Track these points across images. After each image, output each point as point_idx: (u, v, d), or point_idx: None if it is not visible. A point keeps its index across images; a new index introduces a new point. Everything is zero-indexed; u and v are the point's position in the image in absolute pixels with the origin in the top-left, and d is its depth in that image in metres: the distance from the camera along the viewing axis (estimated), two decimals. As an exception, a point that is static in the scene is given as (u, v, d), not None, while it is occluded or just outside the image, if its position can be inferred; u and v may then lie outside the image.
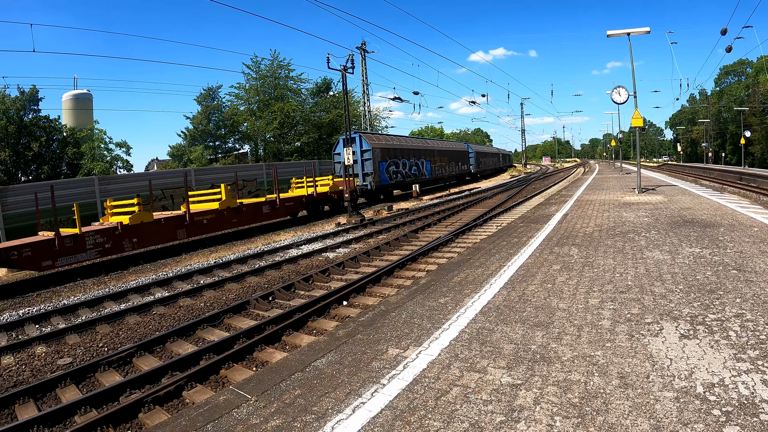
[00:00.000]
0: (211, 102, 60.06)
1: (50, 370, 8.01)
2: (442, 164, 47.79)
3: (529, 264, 8.68)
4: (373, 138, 35.91)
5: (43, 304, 12.08)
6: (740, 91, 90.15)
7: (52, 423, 6.09)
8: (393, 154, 37.01)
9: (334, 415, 3.90)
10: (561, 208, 17.41)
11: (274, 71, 52.43)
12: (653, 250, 9.06)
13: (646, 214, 14.10)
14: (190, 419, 4.11)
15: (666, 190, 22.66)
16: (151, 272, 15.11)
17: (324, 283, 12.00)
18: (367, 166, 34.27)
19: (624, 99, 21.97)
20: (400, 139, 41.39)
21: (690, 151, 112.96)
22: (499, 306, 6.37)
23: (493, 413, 3.73)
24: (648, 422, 3.41)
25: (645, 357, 4.47)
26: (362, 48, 47.48)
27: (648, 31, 20.89)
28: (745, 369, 4.07)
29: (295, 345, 7.87)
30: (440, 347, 5.11)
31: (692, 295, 6.18)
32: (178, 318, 10.23)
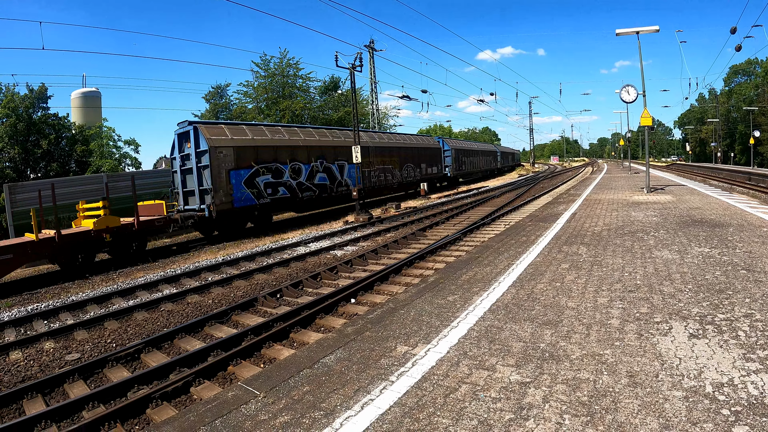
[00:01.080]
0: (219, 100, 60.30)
1: (58, 366, 8.06)
2: (386, 168, 34.53)
3: (537, 262, 8.66)
4: (222, 132, 22.03)
5: (51, 300, 12.16)
6: (749, 91, 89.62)
7: (59, 418, 6.13)
8: (265, 155, 23.44)
9: (342, 412, 3.90)
10: (569, 207, 17.36)
11: (282, 69, 52.49)
12: (662, 249, 9.02)
13: (655, 213, 14.04)
14: (198, 415, 4.12)
15: (675, 189, 22.55)
16: (159, 269, 15.16)
17: (332, 280, 12.02)
18: (207, 178, 20.88)
19: (633, 98, 21.87)
20: (277, 132, 25.64)
21: (699, 151, 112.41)
22: (508, 304, 6.36)
23: (501, 411, 3.72)
24: (657, 421, 3.40)
25: (654, 356, 4.45)
26: (371, 46, 47.48)
27: (657, 29, 20.79)
28: (755, 369, 4.05)
29: (303, 342, 7.88)
30: (449, 345, 5.11)
31: (701, 294, 6.15)
32: (186, 314, 10.27)
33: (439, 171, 45.75)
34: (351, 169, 29.03)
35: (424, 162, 41.71)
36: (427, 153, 42.84)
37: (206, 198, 20.82)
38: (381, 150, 34.19)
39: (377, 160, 33.42)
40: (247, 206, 22.09)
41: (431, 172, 43.36)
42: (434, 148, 45.07)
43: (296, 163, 25.37)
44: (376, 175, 33.37)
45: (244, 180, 22.03)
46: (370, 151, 32.30)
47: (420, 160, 40.69)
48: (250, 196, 22.31)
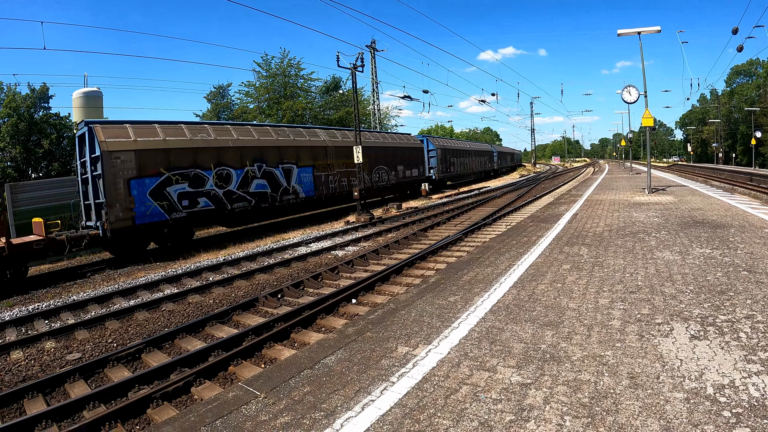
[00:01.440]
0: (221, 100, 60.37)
1: (59, 366, 8.06)
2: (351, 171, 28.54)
3: (539, 263, 8.66)
4: (124, 133, 17.77)
5: (52, 299, 12.16)
6: (751, 91, 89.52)
7: (60, 418, 6.13)
8: (180, 160, 19.04)
9: (343, 413, 3.90)
10: (571, 208, 17.35)
11: (284, 69, 52.50)
12: (663, 250, 9.01)
13: (657, 214, 14.03)
14: (199, 415, 4.12)
15: (676, 190, 22.53)
16: (160, 269, 15.16)
17: (333, 281, 12.02)
18: (101, 190, 17.11)
19: (634, 98, 21.85)
20: (201, 131, 20.94)
21: (700, 152, 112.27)
22: (509, 305, 6.36)
23: (502, 412, 3.72)
24: (658, 423, 3.40)
25: (655, 357, 4.45)
26: (372, 46, 47.44)
27: (659, 30, 20.78)
28: (756, 371, 4.05)
29: (304, 342, 7.88)
30: (450, 346, 5.11)
31: (702, 296, 6.14)
32: (187, 314, 10.28)
33: (421, 174, 39.81)
34: (303, 174, 24.93)
35: (402, 163, 36.07)
36: (406, 153, 37.22)
37: (102, 213, 17.03)
38: (343, 150, 28.11)
39: (338, 162, 27.96)
40: (154, 223, 17.73)
41: (410, 175, 37.56)
42: (414, 147, 39.21)
43: (223, 168, 20.69)
44: (336, 180, 27.79)
45: (151, 190, 17.66)
46: (328, 152, 27.39)
47: (396, 161, 35.11)
48: (159, 210, 17.83)
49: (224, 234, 21.82)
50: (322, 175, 26.63)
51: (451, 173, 49.11)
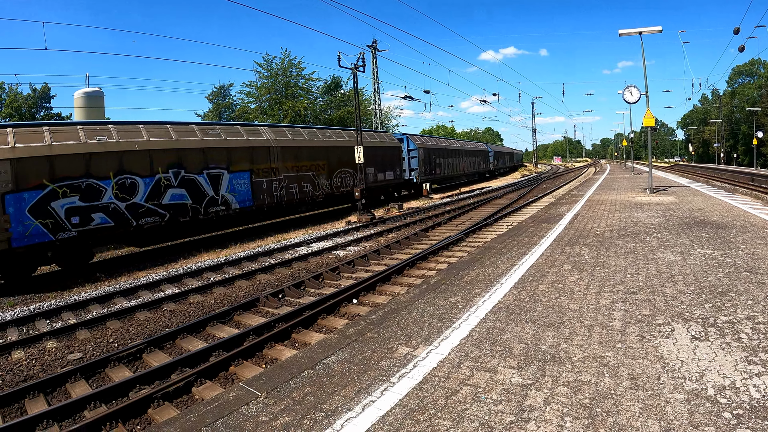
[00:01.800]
0: (222, 100, 60.44)
1: (60, 365, 8.07)
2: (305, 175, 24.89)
3: (539, 264, 8.66)
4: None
5: (53, 299, 12.17)
6: (753, 91, 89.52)
7: (61, 418, 6.14)
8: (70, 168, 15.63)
9: (343, 413, 3.90)
10: (572, 208, 17.35)
11: (285, 69, 52.52)
12: (665, 251, 9.01)
13: (658, 214, 14.02)
14: (200, 415, 4.12)
15: (677, 190, 22.52)
16: (161, 269, 15.18)
17: (334, 281, 12.03)
18: None
19: (636, 98, 21.85)
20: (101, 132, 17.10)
21: (702, 152, 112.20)
22: (510, 306, 6.36)
23: (503, 413, 3.72)
24: (658, 424, 3.40)
25: (656, 358, 4.44)
26: (373, 46, 47.42)
27: (660, 30, 20.78)
28: (757, 372, 4.04)
29: (305, 343, 7.89)
30: (451, 346, 5.11)
31: (704, 296, 6.14)
32: (188, 314, 10.28)
33: (398, 176, 34.88)
34: (236, 180, 20.81)
35: (373, 165, 31.17)
36: (378, 153, 32.08)
37: None
38: (293, 151, 24.24)
39: (289, 165, 23.76)
40: (35, 245, 14.59)
41: (384, 179, 32.67)
42: (389, 146, 34.22)
43: (127, 177, 16.96)
44: (283, 186, 23.36)
45: (31, 207, 14.56)
46: (272, 153, 22.89)
47: (368, 163, 29.28)
48: (41, 230, 14.67)
49: (225, 234, 21.75)
50: (264, 181, 22.16)
51: (437, 175, 44.03)
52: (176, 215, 18.28)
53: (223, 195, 20.15)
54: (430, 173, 41.57)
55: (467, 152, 55.71)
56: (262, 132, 23.37)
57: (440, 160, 44.69)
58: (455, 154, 50.34)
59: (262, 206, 22.03)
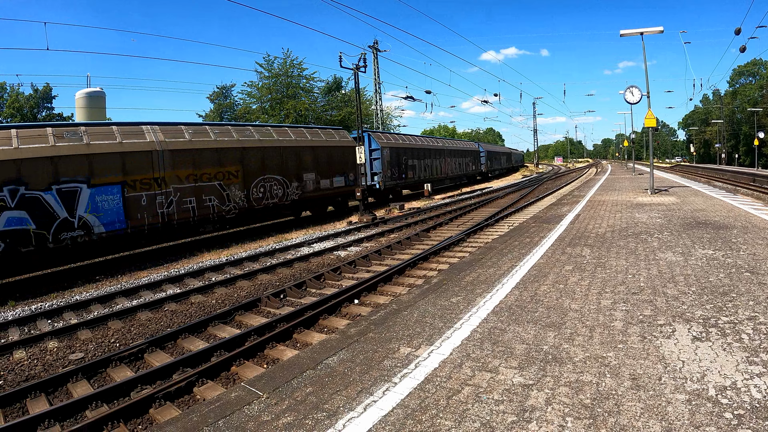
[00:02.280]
0: (223, 100, 60.37)
1: (62, 365, 8.09)
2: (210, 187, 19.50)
3: (541, 264, 8.66)
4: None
5: (55, 299, 12.18)
6: (754, 92, 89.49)
7: (63, 417, 6.15)
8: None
9: (345, 413, 3.91)
10: (573, 209, 17.34)
11: (286, 70, 52.52)
12: (666, 251, 9.01)
13: (659, 215, 14.02)
14: (202, 415, 4.13)
15: (679, 191, 22.51)
16: (162, 269, 15.19)
17: (335, 281, 12.03)
18: None
19: (637, 99, 21.83)
20: None
21: (703, 152, 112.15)
22: (511, 306, 6.36)
23: (504, 413, 3.72)
24: (660, 424, 3.40)
25: (657, 359, 4.45)
26: (374, 47, 47.50)
27: (661, 30, 20.78)
28: (758, 372, 4.05)
29: (307, 343, 7.90)
30: (452, 346, 5.11)
31: (705, 297, 6.14)
32: (190, 315, 10.30)
33: (351, 182, 27.90)
34: (100, 196, 15.98)
35: (313, 169, 25.00)
36: (323, 155, 25.95)
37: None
38: (193, 155, 18.83)
39: (183, 173, 18.36)
40: None
41: (330, 186, 26.33)
42: (338, 146, 27.65)
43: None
44: (175, 201, 18.04)
45: None
46: (157, 159, 17.55)
47: (302, 166, 24.22)
48: None
49: (225, 234, 21.78)
50: (144, 195, 17.04)
51: (409, 179, 37.59)
52: (14, 245, 14.08)
53: (82, 216, 15.51)
54: (399, 177, 35.59)
55: (451, 152, 49.86)
56: (145, 132, 17.81)
57: (413, 162, 38.68)
58: (434, 154, 44.44)
59: (142, 228, 16.91)
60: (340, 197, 27.91)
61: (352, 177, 28.11)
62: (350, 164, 27.94)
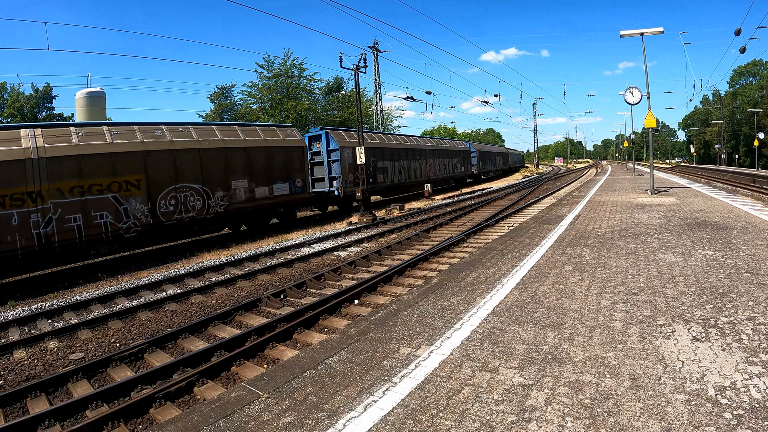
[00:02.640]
0: (224, 100, 60.40)
1: (62, 365, 8.10)
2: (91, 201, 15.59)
3: (541, 265, 8.67)
4: None
5: (55, 299, 12.19)
6: (754, 92, 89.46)
7: (63, 417, 6.16)
8: None
9: (345, 413, 3.92)
10: (573, 209, 17.35)
11: (286, 70, 52.52)
12: (666, 252, 9.01)
13: (659, 215, 14.03)
14: (202, 415, 4.14)
15: (679, 191, 22.52)
16: (163, 269, 15.20)
17: (335, 281, 12.04)
18: None
19: (637, 100, 21.83)
20: None
21: (703, 153, 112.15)
22: (511, 306, 6.37)
23: (504, 413, 3.73)
24: (659, 424, 3.41)
25: (657, 359, 4.46)
26: (375, 47, 47.50)
27: (661, 31, 20.79)
28: (757, 372, 4.05)
29: (307, 343, 7.90)
30: (452, 346, 5.12)
31: (704, 297, 6.15)
32: (190, 315, 10.30)
33: (297, 189, 23.96)
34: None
35: (249, 176, 21.22)
36: (259, 156, 21.94)
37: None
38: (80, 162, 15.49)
39: (66, 186, 15.12)
40: None
41: (270, 195, 22.39)
42: (285, 148, 23.54)
43: None
44: (55, 219, 14.80)
45: None
46: (31, 168, 14.39)
47: (234, 173, 20.54)
48: None
49: (226, 234, 21.79)
50: (15, 214, 13.96)
51: (379, 184, 33.13)
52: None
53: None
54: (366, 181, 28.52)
55: (435, 152, 44.32)
56: (21, 137, 14.56)
57: (384, 164, 33.73)
58: (412, 154, 39.08)
59: (12, 253, 13.83)
60: (282, 207, 23.54)
61: (299, 183, 23.94)
62: (297, 168, 23.89)
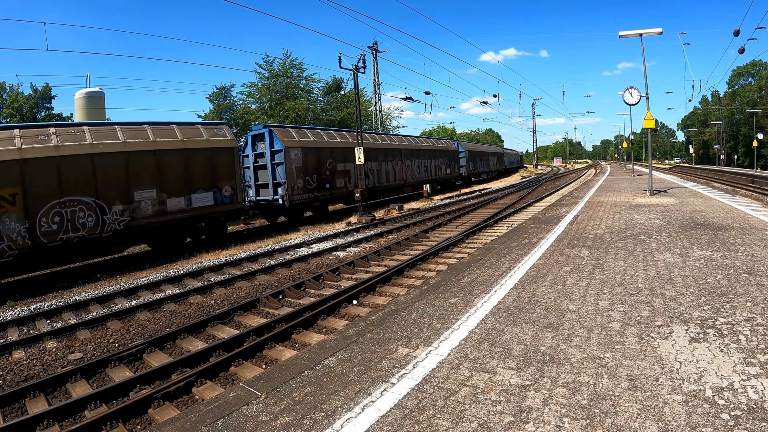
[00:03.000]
0: (223, 100, 60.39)
1: (61, 365, 8.09)
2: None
3: (539, 265, 8.67)
4: None
5: (54, 299, 12.19)
6: (753, 93, 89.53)
7: (62, 418, 6.16)
8: None
9: (343, 413, 3.92)
10: (572, 210, 17.35)
11: (286, 70, 52.51)
12: (664, 252, 9.02)
13: (658, 216, 14.03)
14: (200, 415, 4.14)
15: (677, 192, 22.52)
16: (162, 269, 15.19)
17: (334, 282, 12.04)
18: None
19: (636, 100, 21.85)
20: None
21: (702, 153, 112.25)
22: (509, 307, 6.37)
23: (501, 413, 3.73)
24: (656, 425, 3.41)
25: (654, 360, 4.46)
26: (374, 48, 47.45)
27: (660, 31, 20.80)
28: (755, 373, 4.06)
29: (305, 343, 7.90)
30: (450, 347, 5.12)
31: (703, 298, 6.15)
32: (189, 315, 10.30)
33: (224, 199, 19.80)
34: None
35: (158, 185, 17.51)
36: (175, 162, 18.19)
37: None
38: None
39: None
40: None
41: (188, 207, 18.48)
42: (209, 149, 19.49)
43: None
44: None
45: None
46: None
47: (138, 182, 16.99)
48: None
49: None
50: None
51: (338, 190, 27.93)
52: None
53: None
54: (320, 188, 25.95)
55: (413, 152, 38.69)
56: None
57: (346, 166, 28.85)
58: (383, 154, 33.71)
59: None
60: (204, 222, 19.52)
61: (228, 192, 19.89)
62: (225, 173, 19.89)
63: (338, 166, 28.06)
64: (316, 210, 27.14)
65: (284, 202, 23.65)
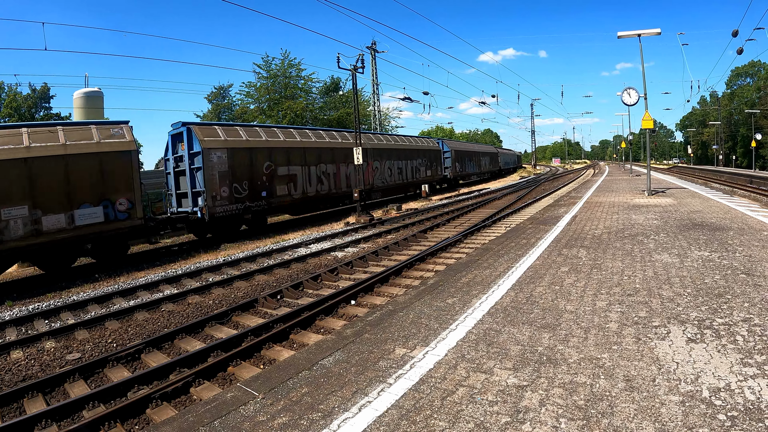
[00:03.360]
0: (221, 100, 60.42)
1: (59, 365, 8.08)
2: None
3: (537, 265, 8.67)
4: None
5: (52, 299, 12.18)
6: (751, 93, 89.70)
7: (60, 417, 6.16)
8: None
9: (340, 414, 3.92)
10: (570, 210, 17.36)
11: (284, 70, 52.52)
12: (662, 253, 9.03)
13: (656, 216, 14.04)
14: (198, 415, 4.14)
15: (676, 192, 22.54)
16: (160, 269, 15.19)
17: (332, 282, 12.04)
18: None
19: (634, 100, 21.86)
20: None
21: (700, 154, 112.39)
22: (507, 307, 6.37)
23: (498, 414, 3.74)
24: (653, 426, 3.41)
25: (651, 360, 4.46)
26: (372, 48, 47.50)
27: (659, 32, 20.81)
28: (752, 374, 4.06)
29: (303, 343, 7.91)
30: (447, 347, 5.13)
31: (700, 298, 6.16)
32: (187, 315, 10.29)
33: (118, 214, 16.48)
34: None
35: (30, 200, 14.35)
36: (54, 170, 14.97)
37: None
38: None
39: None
40: None
41: (70, 226, 15.23)
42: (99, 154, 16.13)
43: None
44: None
45: None
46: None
47: (1, 197, 13.86)
48: None
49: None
50: None
51: (281, 198, 23.77)
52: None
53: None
54: (254, 198, 22.08)
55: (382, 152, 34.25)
56: None
57: (292, 170, 24.51)
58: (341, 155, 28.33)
59: None
60: (91, 242, 16.35)
61: (123, 206, 16.68)
62: (121, 183, 16.59)
63: (279, 170, 23.63)
64: (250, 223, 22.75)
65: (203, 215, 19.76)
